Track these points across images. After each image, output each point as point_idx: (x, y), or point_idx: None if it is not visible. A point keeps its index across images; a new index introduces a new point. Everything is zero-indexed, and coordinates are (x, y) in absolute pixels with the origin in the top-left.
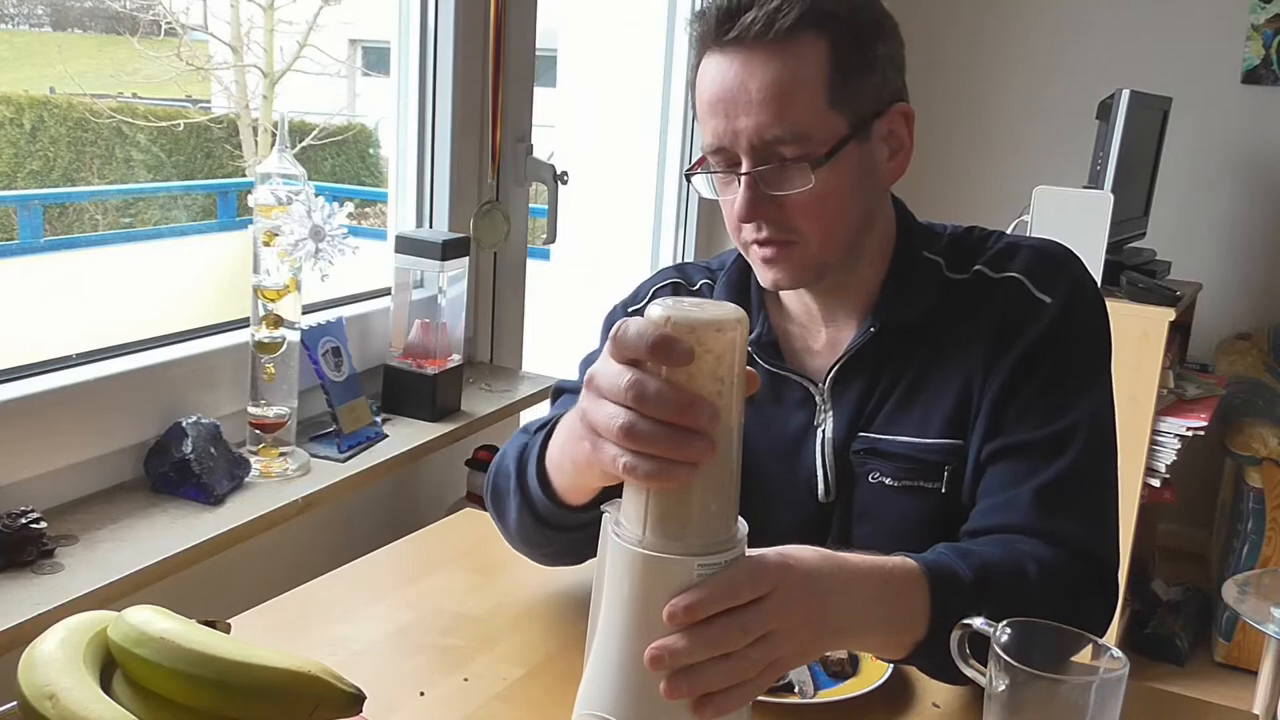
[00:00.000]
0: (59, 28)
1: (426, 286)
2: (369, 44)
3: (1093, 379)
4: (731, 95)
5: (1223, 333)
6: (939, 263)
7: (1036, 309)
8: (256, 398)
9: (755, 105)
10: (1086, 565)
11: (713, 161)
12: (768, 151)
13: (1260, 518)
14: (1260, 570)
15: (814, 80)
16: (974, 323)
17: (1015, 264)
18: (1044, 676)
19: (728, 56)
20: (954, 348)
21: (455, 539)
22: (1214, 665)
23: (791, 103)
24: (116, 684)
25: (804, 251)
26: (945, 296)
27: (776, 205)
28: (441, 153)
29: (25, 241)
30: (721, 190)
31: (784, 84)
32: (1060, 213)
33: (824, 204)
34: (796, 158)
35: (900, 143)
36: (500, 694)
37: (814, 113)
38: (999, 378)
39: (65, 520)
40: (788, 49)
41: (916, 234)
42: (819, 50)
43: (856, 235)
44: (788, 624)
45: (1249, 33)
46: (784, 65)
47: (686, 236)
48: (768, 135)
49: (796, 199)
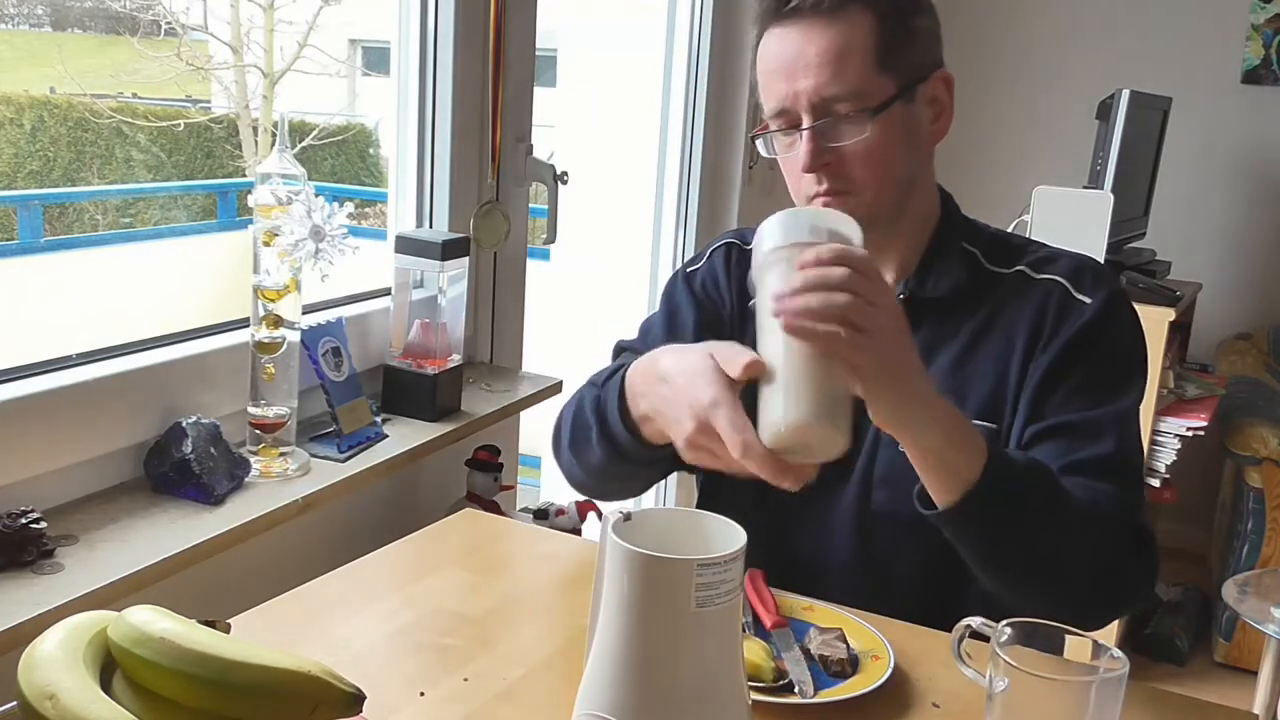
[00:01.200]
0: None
1: (426, 286)
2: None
3: (1129, 381)
4: (792, 62)
5: (1223, 333)
6: (976, 253)
7: (1077, 307)
8: (256, 398)
9: (814, 68)
10: (1124, 526)
11: (774, 125)
12: (826, 109)
13: (1260, 518)
14: (1260, 570)
15: (864, 46)
16: (1012, 316)
17: (1056, 268)
18: (1044, 676)
19: (787, 29)
20: (991, 336)
21: (455, 539)
22: (1214, 665)
23: (845, 64)
24: (116, 684)
25: (858, 201)
26: (979, 283)
27: (836, 156)
28: (441, 153)
29: (25, 241)
30: (782, 150)
31: (838, 48)
32: (1060, 213)
33: (877, 154)
34: (853, 113)
35: (942, 107)
36: (500, 694)
37: (865, 74)
38: (1041, 366)
39: (65, 520)
40: (839, 19)
41: (959, 222)
42: (866, 20)
43: (904, 192)
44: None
45: (1249, 33)
46: (837, 33)
47: (686, 236)
48: (826, 93)
49: (853, 150)
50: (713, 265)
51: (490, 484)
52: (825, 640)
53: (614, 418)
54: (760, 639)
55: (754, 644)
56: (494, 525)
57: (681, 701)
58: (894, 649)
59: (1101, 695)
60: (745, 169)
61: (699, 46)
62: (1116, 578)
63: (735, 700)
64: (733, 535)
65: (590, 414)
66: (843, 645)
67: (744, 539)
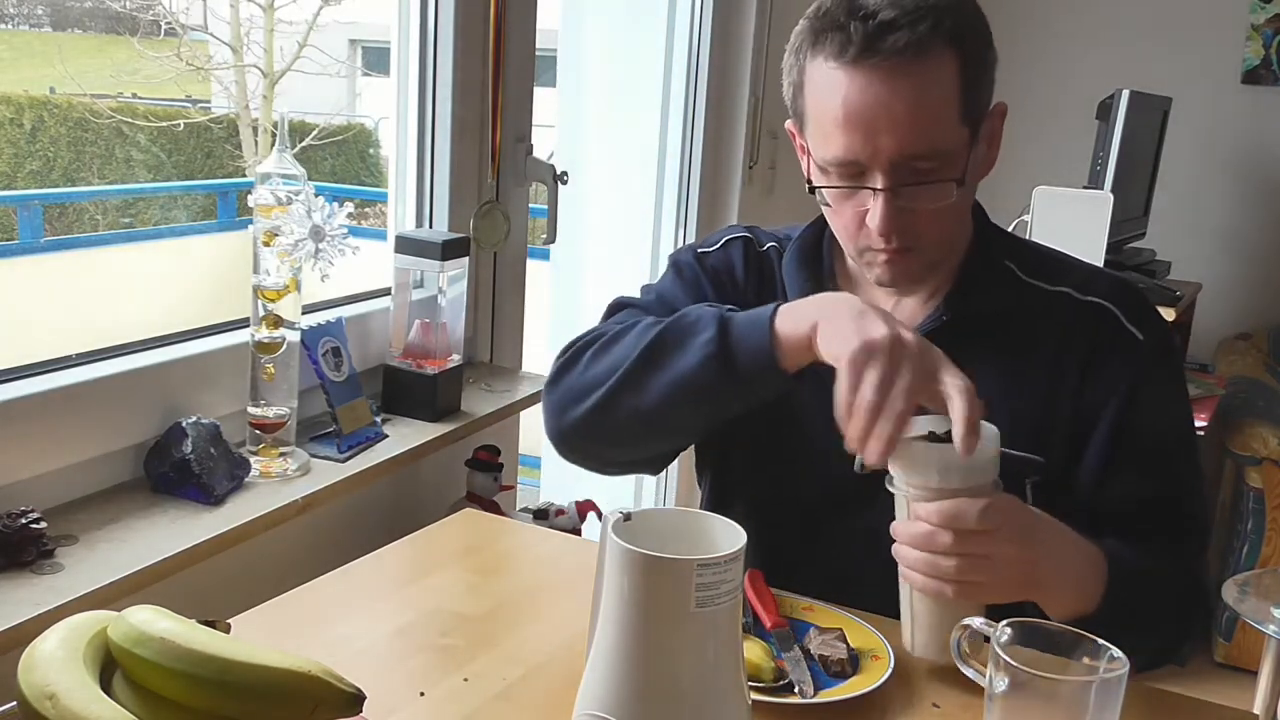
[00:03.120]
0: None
1: (426, 286)
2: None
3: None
4: (873, 114)
5: (1223, 333)
6: (1013, 267)
7: (1129, 342)
8: (256, 398)
9: (900, 125)
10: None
11: (836, 174)
12: (905, 167)
13: (1260, 518)
14: (1260, 570)
15: (950, 98)
16: (1061, 341)
17: (1100, 289)
18: (1044, 676)
19: (866, 74)
20: (1038, 359)
21: (455, 539)
22: (1214, 665)
23: (933, 122)
24: (116, 684)
25: (922, 258)
26: (1023, 301)
27: (909, 218)
28: (441, 153)
29: (25, 241)
30: (838, 201)
31: (927, 104)
32: (1060, 213)
33: (948, 216)
34: (932, 171)
35: (994, 138)
36: (500, 694)
37: (950, 129)
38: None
39: (65, 520)
40: (927, 68)
41: (993, 234)
42: (953, 68)
43: (961, 233)
44: (1001, 556)
45: (1249, 33)
46: (924, 86)
47: (686, 236)
48: (909, 152)
49: (928, 212)
50: (729, 255)
51: (490, 484)
52: (825, 640)
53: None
54: (760, 639)
55: (754, 644)
56: (494, 525)
57: (681, 701)
58: (894, 649)
59: (1101, 695)
60: (745, 169)
61: (699, 46)
62: (1173, 654)
63: (735, 700)
64: (733, 535)
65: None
66: (843, 645)
67: (744, 539)
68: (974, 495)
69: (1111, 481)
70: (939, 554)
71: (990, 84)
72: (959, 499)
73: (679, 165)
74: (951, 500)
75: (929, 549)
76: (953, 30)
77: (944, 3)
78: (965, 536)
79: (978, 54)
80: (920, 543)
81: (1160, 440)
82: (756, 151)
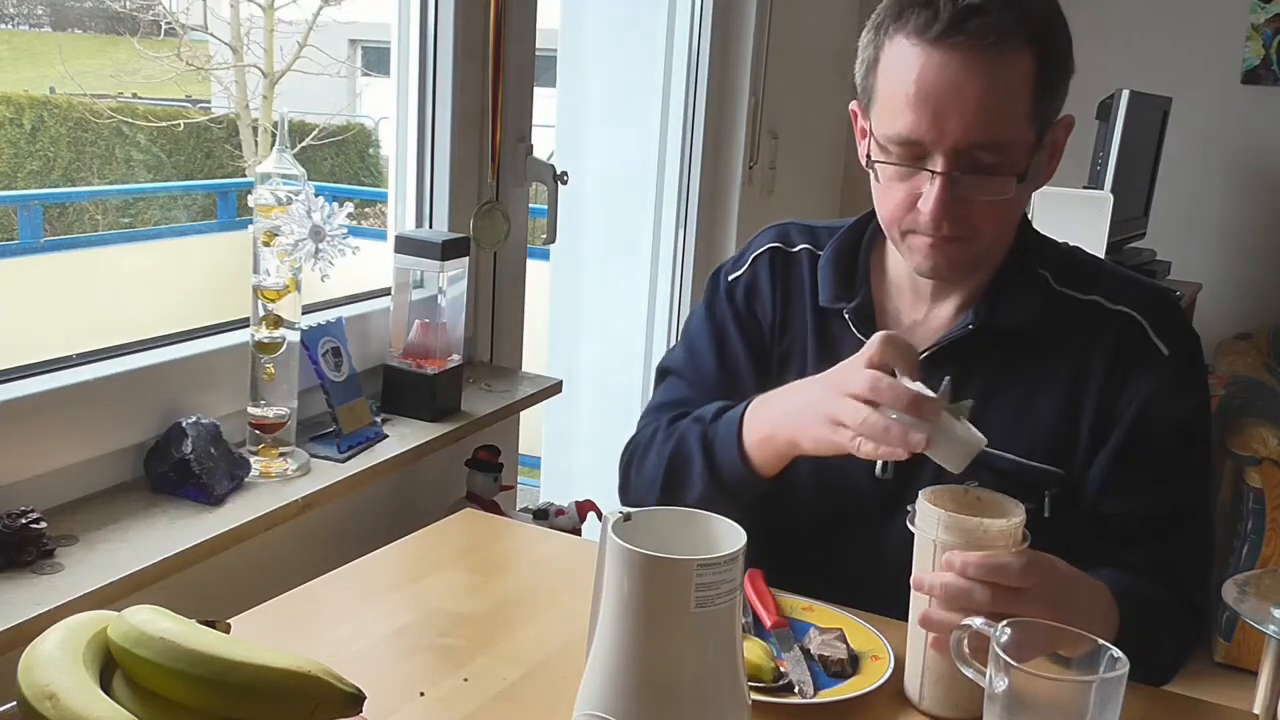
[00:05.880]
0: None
1: (426, 286)
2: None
3: (1204, 456)
4: (945, 95)
5: (1223, 333)
6: (1046, 275)
7: (1154, 357)
8: (256, 398)
9: (970, 111)
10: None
11: (895, 151)
12: (967, 155)
13: (1260, 518)
14: (1260, 570)
15: (1022, 94)
16: (1087, 351)
17: (1131, 299)
18: (1044, 676)
19: (944, 54)
20: (1063, 370)
21: (455, 539)
22: (1214, 665)
23: (1003, 113)
24: (116, 684)
25: (971, 248)
26: (1052, 311)
27: (965, 205)
28: (441, 153)
29: (25, 241)
30: (893, 180)
31: (999, 94)
32: (1060, 213)
33: (1009, 209)
34: (994, 165)
35: (1057, 149)
36: (500, 694)
37: (1017, 124)
38: (1120, 424)
39: (65, 520)
40: (1005, 60)
41: (1033, 242)
42: (1030, 66)
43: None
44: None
45: (1249, 33)
46: (999, 76)
47: (686, 236)
48: (974, 140)
49: (986, 202)
50: (756, 274)
51: (490, 484)
52: (825, 640)
53: (727, 448)
54: (760, 639)
55: (754, 644)
56: (494, 525)
57: (681, 701)
58: (894, 649)
59: (1101, 695)
60: (745, 169)
61: (699, 46)
62: (1170, 672)
63: (735, 700)
64: (733, 535)
65: (696, 448)
66: (843, 645)
67: (744, 539)
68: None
69: (1114, 494)
70: (970, 610)
71: (1063, 93)
72: (1000, 553)
73: (679, 165)
74: (993, 553)
75: (964, 606)
76: (1038, 29)
77: (1031, 5)
78: (1001, 593)
79: (1056, 58)
80: (954, 597)
81: (1171, 456)
82: (756, 152)
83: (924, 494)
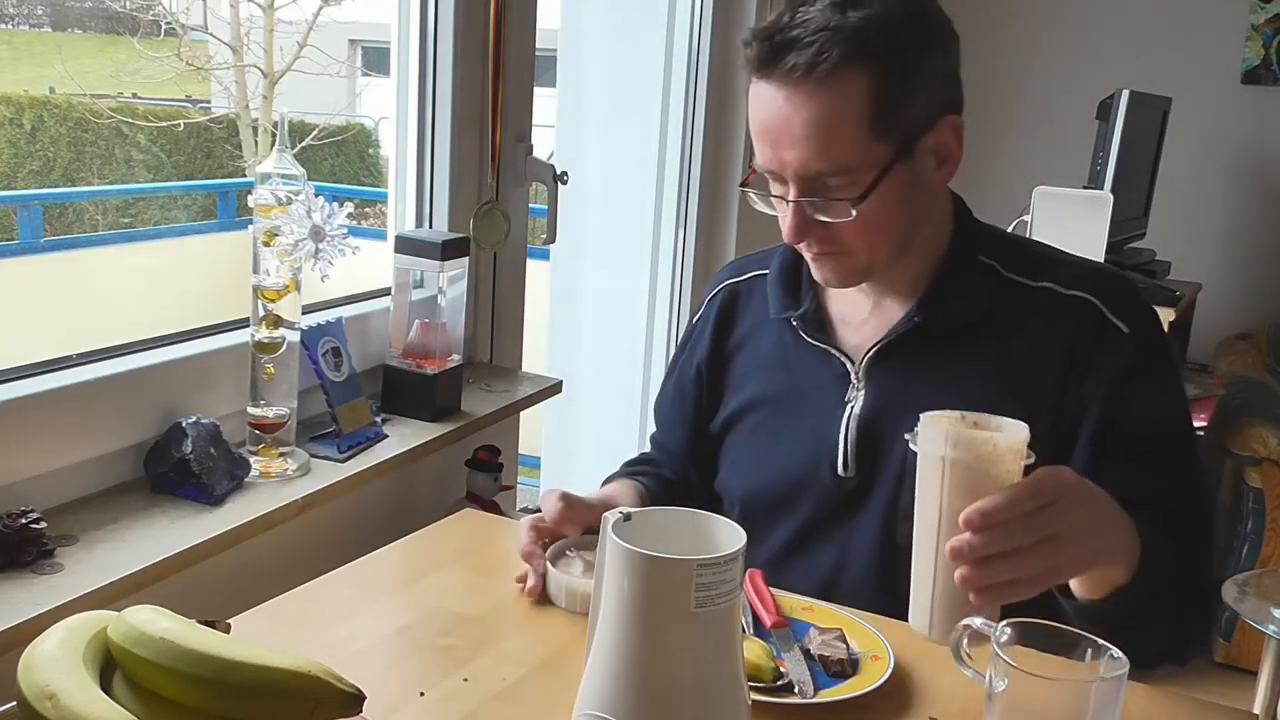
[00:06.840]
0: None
1: (426, 286)
2: (369, 44)
3: (1183, 418)
4: (777, 127)
5: (1223, 333)
6: (994, 265)
7: (1114, 335)
8: (256, 398)
9: (799, 141)
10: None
11: (770, 178)
12: (814, 181)
13: (1260, 518)
14: (1260, 570)
15: (856, 115)
16: (1043, 339)
17: (1085, 283)
18: (1044, 676)
19: (773, 88)
20: (1020, 359)
21: (455, 539)
22: (1214, 665)
23: (833, 140)
24: (116, 684)
25: (851, 261)
26: (1001, 299)
27: (823, 227)
28: (441, 153)
29: (25, 241)
30: (772, 205)
31: (825, 122)
32: (1060, 213)
33: (868, 227)
34: (841, 186)
35: (949, 152)
36: (500, 694)
37: (856, 146)
38: (1090, 411)
39: (65, 520)
40: (829, 87)
41: (973, 232)
42: (861, 85)
43: (905, 240)
44: (1071, 528)
45: (1249, 33)
46: (824, 104)
47: (686, 236)
48: (811, 169)
49: (841, 223)
50: (706, 317)
51: (490, 484)
52: (825, 640)
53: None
54: (760, 639)
55: (754, 644)
56: (494, 525)
57: (681, 701)
58: (894, 649)
59: (1101, 695)
60: (745, 169)
61: (699, 47)
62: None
63: (735, 700)
64: (733, 535)
65: None
66: (843, 645)
67: (744, 539)
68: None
69: (1103, 479)
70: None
71: (931, 96)
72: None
73: (679, 165)
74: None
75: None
76: (867, 44)
77: (855, 21)
78: (1034, 517)
79: (902, 68)
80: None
81: (1151, 435)
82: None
83: (926, 416)
